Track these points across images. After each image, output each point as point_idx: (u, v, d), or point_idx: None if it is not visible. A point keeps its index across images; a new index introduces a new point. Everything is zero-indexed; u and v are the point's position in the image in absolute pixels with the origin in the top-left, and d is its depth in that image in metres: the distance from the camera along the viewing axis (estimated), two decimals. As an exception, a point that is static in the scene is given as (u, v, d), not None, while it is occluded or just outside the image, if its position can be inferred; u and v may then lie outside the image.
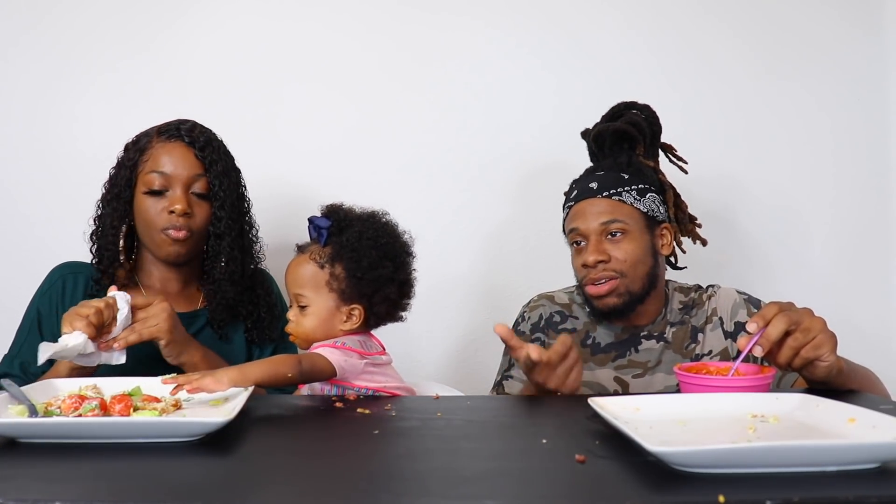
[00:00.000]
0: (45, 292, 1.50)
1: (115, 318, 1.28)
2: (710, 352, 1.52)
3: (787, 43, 2.10)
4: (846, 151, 2.12)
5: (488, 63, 2.06)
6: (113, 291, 1.31)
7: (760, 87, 2.10)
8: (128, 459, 0.85)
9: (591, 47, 2.07)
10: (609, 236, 1.50)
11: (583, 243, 1.53)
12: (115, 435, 0.91)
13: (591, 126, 1.65)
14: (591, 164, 1.65)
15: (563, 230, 1.62)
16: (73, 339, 1.21)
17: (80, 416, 0.98)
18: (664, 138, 1.65)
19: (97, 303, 1.26)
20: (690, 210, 1.65)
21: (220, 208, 1.51)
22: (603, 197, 1.52)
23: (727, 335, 1.52)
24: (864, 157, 2.12)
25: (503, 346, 1.66)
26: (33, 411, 1.01)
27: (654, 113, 1.61)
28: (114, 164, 1.54)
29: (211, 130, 1.54)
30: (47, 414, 1.01)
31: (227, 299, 1.54)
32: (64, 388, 1.13)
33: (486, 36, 2.06)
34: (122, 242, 1.51)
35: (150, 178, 1.46)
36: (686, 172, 1.66)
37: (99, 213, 1.54)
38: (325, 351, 1.26)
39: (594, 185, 1.53)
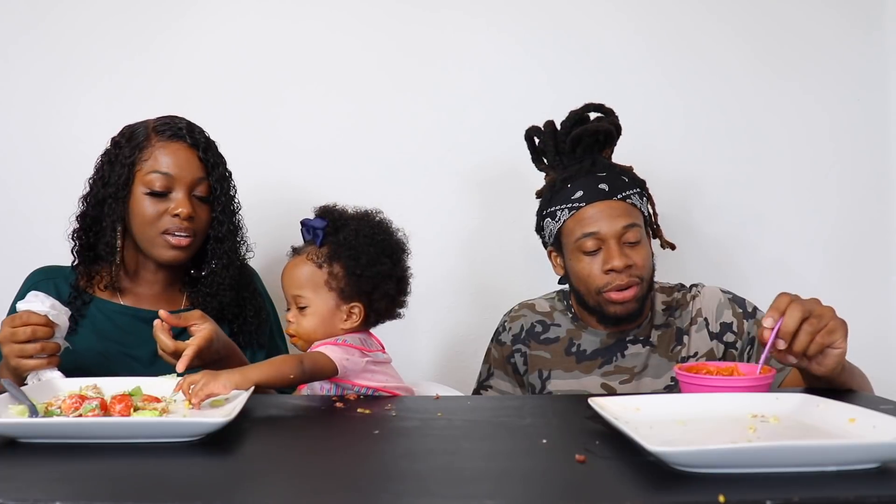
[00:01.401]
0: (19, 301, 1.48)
1: (52, 322, 1.23)
2: (696, 353, 1.50)
3: (787, 42, 2.10)
4: (846, 151, 2.11)
5: (488, 62, 2.06)
6: (22, 305, 1.24)
7: (760, 86, 2.09)
8: (128, 459, 0.85)
9: (590, 47, 2.07)
10: (626, 242, 1.45)
11: (597, 249, 1.46)
12: (116, 435, 0.91)
13: (539, 125, 1.59)
14: (552, 161, 1.59)
15: (558, 235, 1.54)
16: (47, 378, 1.19)
17: (80, 416, 0.98)
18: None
19: (25, 332, 1.20)
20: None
21: (221, 212, 1.49)
22: (618, 199, 1.47)
23: (713, 336, 1.51)
24: (865, 157, 2.12)
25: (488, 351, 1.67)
26: (34, 411, 1.01)
27: (618, 116, 1.58)
28: (102, 160, 1.49)
29: (204, 129, 1.52)
30: (48, 414, 1.02)
31: (223, 304, 1.51)
32: (64, 388, 1.13)
33: (486, 34, 2.06)
34: (119, 243, 1.46)
35: (152, 179, 1.43)
36: None
37: (88, 211, 1.49)
38: (327, 349, 1.26)
39: (604, 186, 1.48)
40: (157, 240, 1.44)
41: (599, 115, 1.57)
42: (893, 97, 2.11)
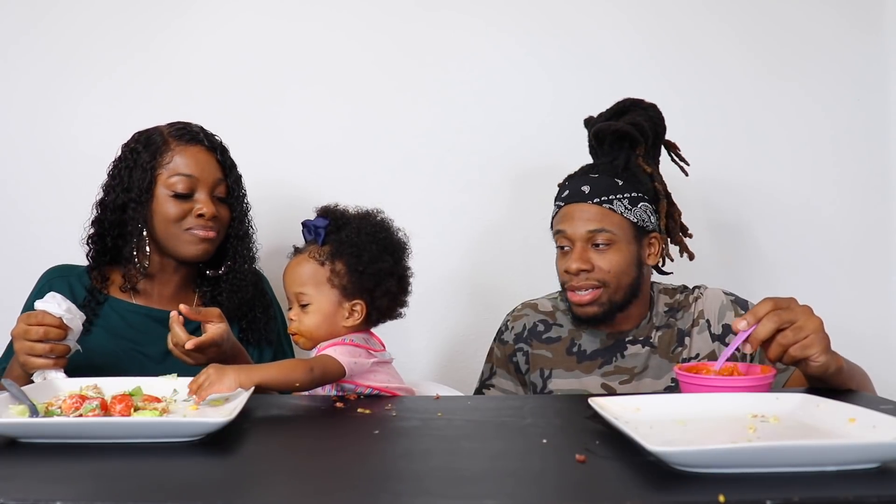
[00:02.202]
0: (35, 298, 1.45)
1: (65, 325, 1.24)
2: (698, 355, 1.51)
3: (787, 43, 2.10)
4: (846, 152, 2.11)
5: (487, 62, 2.06)
6: (39, 304, 1.24)
7: (760, 87, 2.10)
8: (128, 459, 0.85)
9: (590, 47, 2.07)
10: (595, 245, 1.48)
11: (567, 248, 1.51)
12: (116, 435, 0.91)
13: (595, 115, 1.61)
14: (590, 155, 1.62)
15: (551, 226, 1.59)
16: (52, 378, 1.20)
17: (80, 416, 0.98)
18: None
19: (38, 331, 1.21)
20: (689, 212, 1.63)
21: (239, 212, 1.55)
22: (593, 203, 1.49)
23: (714, 338, 1.51)
24: (864, 158, 2.12)
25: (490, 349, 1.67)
26: (34, 411, 1.01)
27: (660, 113, 1.58)
28: (119, 166, 1.50)
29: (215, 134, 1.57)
30: (48, 414, 1.02)
31: (242, 301, 1.55)
32: (65, 388, 1.13)
33: (485, 35, 2.06)
34: (147, 248, 1.49)
35: (174, 181, 1.47)
36: (686, 174, 1.65)
37: (107, 216, 1.50)
38: (335, 350, 1.26)
39: (586, 188, 1.50)
40: (183, 236, 1.48)
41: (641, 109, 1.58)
42: (893, 98, 2.11)
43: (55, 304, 1.25)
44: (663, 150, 1.65)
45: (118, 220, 1.50)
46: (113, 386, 1.13)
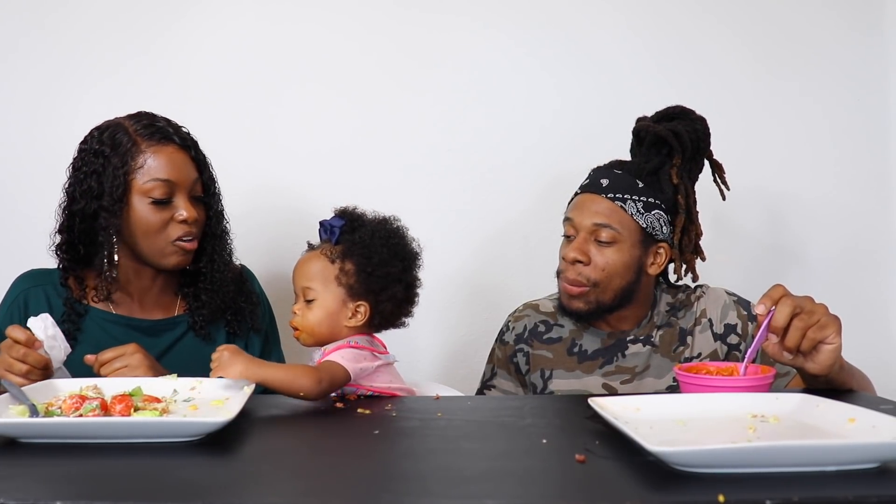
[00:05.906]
0: (7, 309, 1.44)
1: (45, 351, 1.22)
2: (700, 354, 1.50)
3: (786, 44, 2.10)
4: (846, 152, 2.11)
5: (488, 64, 2.06)
6: (31, 322, 1.22)
7: (760, 88, 2.09)
8: (128, 459, 0.85)
9: (591, 49, 2.07)
10: (598, 239, 1.48)
11: (572, 236, 1.51)
12: (116, 435, 0.91)
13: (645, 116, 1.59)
14: (629, 153, 1.60)
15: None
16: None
17: (80, 416, 0.98)
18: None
19: (19, 350, 1.19)
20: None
21: (216, 210, 1.49)
22: (607, 198, 1.49)
23: (717, 337, 1.51)
24: (865, 159, 2.12)
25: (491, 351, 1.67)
26: (34, 411, 1.01)
27: (706, 128, 1.55)
28: (84, 170, 1.43)
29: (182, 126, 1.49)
30: (48, 414, 1.02)
31: (227, 298, 1.51)
32: (65, 388, 1.13)
33: (486, 37, 2.05)
34: (117, 256, 1.42)
35: (152, 187, 1.38)
36: (724, 198, 1.64)
37: (76, 224, 1.42)
38: (339, 355, 1.25)
39: (605, 181, 1.50)
40: (168, 248, 1.41)
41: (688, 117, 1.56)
42: (893, 98, 2.11)
43: (42, 328, 1.22)
44: (710, 170, 1.62)
45: (89, 228, 1.41)
46: (113, 386, 1.13)
